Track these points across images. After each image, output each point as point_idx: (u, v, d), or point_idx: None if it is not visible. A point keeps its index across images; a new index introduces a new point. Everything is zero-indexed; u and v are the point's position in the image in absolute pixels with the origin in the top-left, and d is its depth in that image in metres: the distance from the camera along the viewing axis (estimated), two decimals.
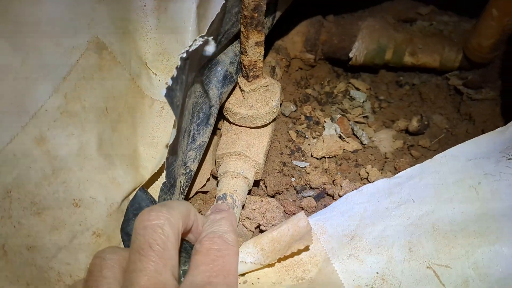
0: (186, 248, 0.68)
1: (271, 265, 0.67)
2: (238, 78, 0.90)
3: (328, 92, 1.19)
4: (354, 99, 1.17)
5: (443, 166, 0.73)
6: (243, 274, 0.67)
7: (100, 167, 0.68)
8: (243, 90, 0.89)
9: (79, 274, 0.65)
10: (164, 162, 0.68)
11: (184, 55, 0.61)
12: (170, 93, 0.60)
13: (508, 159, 0.68)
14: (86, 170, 0.67)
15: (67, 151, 0.65)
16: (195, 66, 0.71)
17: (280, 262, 0.67)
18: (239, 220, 0.93)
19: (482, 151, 0.72)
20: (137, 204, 0.67)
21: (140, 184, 0.72)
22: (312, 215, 0.73)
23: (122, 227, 0.66)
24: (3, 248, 0.61)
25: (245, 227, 0.96)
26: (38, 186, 0.63)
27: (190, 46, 0.62)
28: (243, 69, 0.87)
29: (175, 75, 0.60)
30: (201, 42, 0.64)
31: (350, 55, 1.15)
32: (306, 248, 0.67)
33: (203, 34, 0.64)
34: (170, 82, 0.59)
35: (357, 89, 1.19)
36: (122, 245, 0.68)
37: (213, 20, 0.67)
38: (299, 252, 0.67)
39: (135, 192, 0.70)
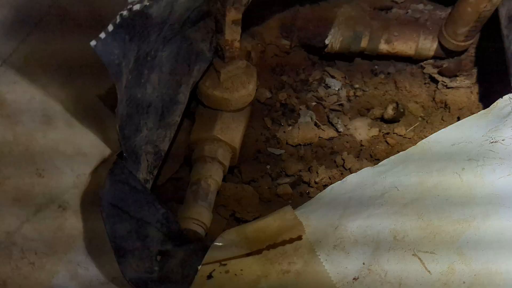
0: (169, 223, 0.64)
1: (257, 252, 0.65)
2: (214, 59, 0.86)
3: (303, 80, 1.18)
4: (329, 87, 1.16)
5: (426, 153, 0.72)
6: (224, 263, 0.64)
7: (65, 136, 0.65)
8: (219, 72, 0.86)
9: (45, 251, 0.60)
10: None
11: (125, 12, 0.56)
12: (102, 48, 0.54)
13: (491, 142, 0.67)
14: (50, 138, 0.63)
15: (29, 116, 0.62)
16: (146, 35, 0.67)
17: (268, 250, 0.65)
18: (214, 207, 0.90)
19: (465, 135, 0.71)
20: (119, 170, 0.62)
21: (109, 155, 0.68)
22: (297, 208, 0.71)
23: (102, 196, 0.60)
24: None
25: (219, 214, 0.93)
26: None
27: (133, 5, 0.57)
28: (219, 49, 0.83)
29: (110, 30, 0.54)
30: (147, 3, 0.59)
31: (326, 41, 1.13)
32: (299, 238, 0.66)
33: None
34: (103, 35, 0.54)
35: (332, 77, 1.18)
36: (92, 219, 0.64)
37: None
38: (291, 240, 0.65)
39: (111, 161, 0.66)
